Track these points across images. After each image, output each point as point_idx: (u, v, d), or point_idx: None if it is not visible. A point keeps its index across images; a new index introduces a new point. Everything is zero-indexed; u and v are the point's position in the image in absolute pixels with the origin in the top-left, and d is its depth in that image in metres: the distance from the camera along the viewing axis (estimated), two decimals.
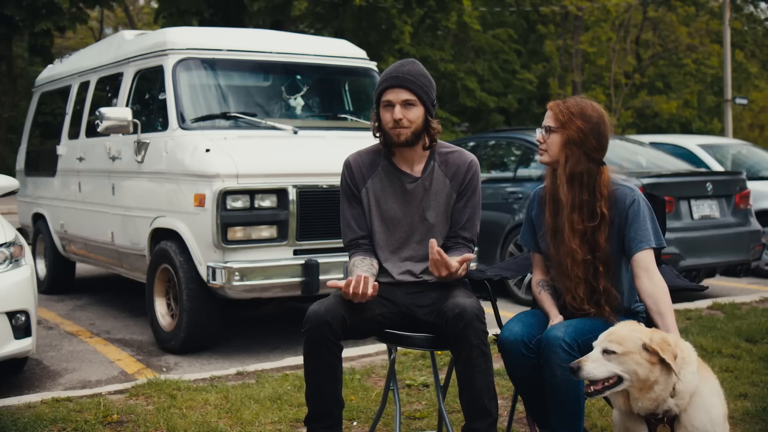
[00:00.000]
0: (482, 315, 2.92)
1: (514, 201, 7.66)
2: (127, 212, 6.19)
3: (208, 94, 6.12)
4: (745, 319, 6.03)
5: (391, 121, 3.07)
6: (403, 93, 3.06)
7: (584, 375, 2.58)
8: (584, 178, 2.96)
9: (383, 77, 3.12)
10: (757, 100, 31.80)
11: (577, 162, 2.96)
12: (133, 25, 29.35)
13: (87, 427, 3.70)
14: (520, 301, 7.28)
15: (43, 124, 8.66)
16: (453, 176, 3.17)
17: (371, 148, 3.26)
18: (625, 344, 2.57)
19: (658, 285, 2.89)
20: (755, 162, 10.40)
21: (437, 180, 3.17)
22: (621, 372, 2.57)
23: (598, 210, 2.95)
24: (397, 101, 3.06)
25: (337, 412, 3.05)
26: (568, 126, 2.96)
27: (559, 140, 2.98)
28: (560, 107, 3.00)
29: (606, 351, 2.59)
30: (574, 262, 2.95)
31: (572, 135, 2.96)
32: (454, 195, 3.18)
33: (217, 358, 5.47)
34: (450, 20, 23.76)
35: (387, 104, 3.09)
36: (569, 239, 2.96)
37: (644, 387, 2.56)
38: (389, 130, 3.09)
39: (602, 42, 27.69)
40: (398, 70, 3.09)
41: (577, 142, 2.96)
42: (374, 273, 3.16)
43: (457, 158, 3.20)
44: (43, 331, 6.26)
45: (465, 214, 3.19)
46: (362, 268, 3.14)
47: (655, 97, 27.75)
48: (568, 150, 2.97)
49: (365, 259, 3.18)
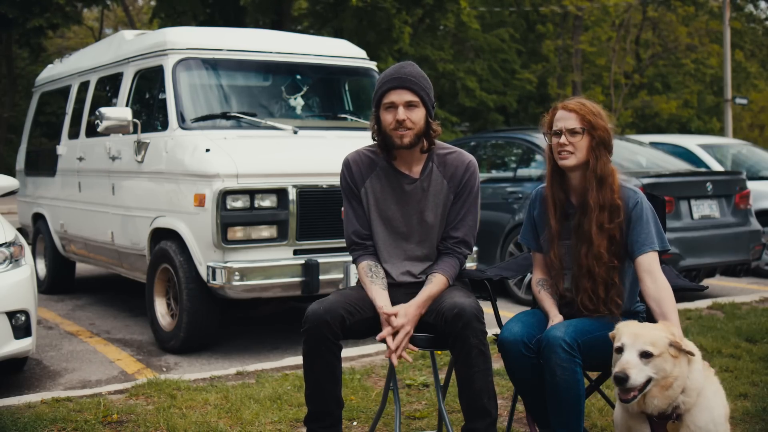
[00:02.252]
0: (481, 315, 2.92)
1: (514, 201, 7.66)
2: (127, 212, 6.19)
3: (208, 94, 6.12)
4: (745, 319, 6.03)
5: (394, 122, 3.03)
6: (406, 94, 3.04)
7: (632, 383, 2.53)
8: (609, 179, 2.98)
9: (384, 79, 3.09)
10: (757, 100, 31.79)
11: (605, 163, 2.99)
12: (133, 25, 29.32)
13: (87, 427, 3.70)
14: (520, 301, 7.28)
15: (43, 124, 8.66)
16: (451, 177, 3.17)
17: (370, 147, 3.25)
18: (658, 345, 2.57)
19: (662, 287, 2.89)
20: (755, 162, 10.40)
21: (435, 181, 3.16)
22: (653, 373, 2.56)
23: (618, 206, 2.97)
24: (400, 102, 3.04)
25: (337, 411, 3.05)
26: (596, 127, 2.97)
27: (587, 142, 2.97)
28: (585, 108, 2.99)
29: (644, 354, 2.56)
30: (600, 263, 2.95)
31: (602, 136, 2.97)
32: (451, 196, 3.17)
33: (217, 358, 5.47)
34: (449, 20, 23.75)
35: (389, 106, 3.05)
36: (598, 241, 2.95)
37: (665, 385, 2.57)
38: (391, 132, 3.06)
39: (602, 42, 27.69)
40: (399, 72, 3.07)
41: (604, 143, 2.98)
42: (386, 284, 3.14)
43: (455, 159, 3.19)
44: (43, 331, 6.26)
45: (459, 214, 3.18)
46: (379, 279, 3.12)
47: (654, 97, 27.74)
48: (597, 151, 2.97)
49: (377, 266, 3.16)
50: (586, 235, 2.98)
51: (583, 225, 2.99)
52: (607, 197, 2.97)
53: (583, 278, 3.00)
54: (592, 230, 2.96)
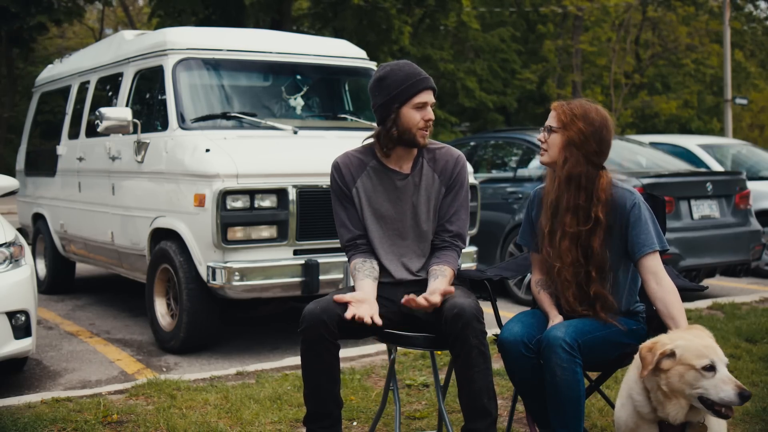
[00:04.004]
0: (481, 315, 2.92)
1: (514, 201, 7.66)
2: (127, 212, 6.19)
3: (208, 94, 6.12)
4: (745, 319, 6.03)
5: (422, 122, 3.08)
6: (431, 95, 3.12)
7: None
8: (582, 181, 2.96)
9: (410, 79, 3.07)
10: (757, 100, 31.78)
11: (575, 164, 2.95)
12: (133, 25, 29.33)
13: (87, 427, 3.70)
14: (520, 301, 7.28)
15: (43, 124, 8.66)
16: (441, 171, 3.20)
17: (358, 149, 3.27)
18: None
19: (667, 288, 2.89)
20: (755, 162, 10.40)
21: (426, 176, 3.19)
22: None
23: (593, 214, 2.94)
24: (431, 102, 3.12)
25: (336, 411, 3.05)
26: (569, 127, 2.96)
27: (559, 141, 2.98)
28: (563, 108, 3.00)
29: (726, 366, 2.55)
30: (563, 264, 2.95)
31: (572, 136, 2.95)
32: (443, 189, 3.20)
33: (217, 358, 5.47)
34: (450, 19, 23.76)
35: (422, 105, 3.09)
36: (560, 241, 2.96)
37: None
38: (417, 131, 3.09)
39: (602, 42, 27.68)
40: (419, 72, 3.11)
41: (577, 144, 2.95)
42: (376, 277, 3.15)
43: (444, 154, 3.23)
44: (43, 331, 6.26)
45: (452, 208, 3.21)
46: (364, 273, 3.14)
47: (654, 97, 27.73)
48: (568, 151, 2.96)
49: (366, 262, 3.18)
50: (553, 234, 3.00)
51: (553, 225, 3.01)
52: (576, 200, 2.95)
53: (552, 279, 3.02)
54: (556, 231, 2.97)
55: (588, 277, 2.96)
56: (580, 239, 2.95)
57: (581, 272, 2.96)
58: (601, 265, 2.96)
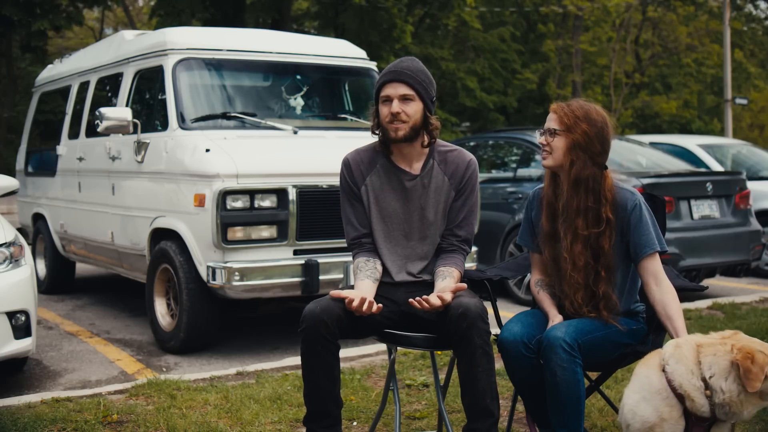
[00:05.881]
0: (485, 315, 2.91)
1: (514, 201, 7.66)
2: (127, 212, 6.19)
3: (208, 94, 6.12)
4: (745, 319, 6.03)
5: (389, 115, 3.06)
6: (401, 87, 3.06)
7: None
8: (589, 183, 2.94)
9: (382, 73, 3.14)
10: (757, 100, 31.77)
11: (582, 167, 2.93)
12: (133, 25, 29.31)
13: (87, 427, 3.70)
14: (520, 301, 7.28)
15: (43, 123, 8.66)
16: (452, 174, 3.17)
17: (369, 146, 3.25)
18: None
19: (667, 290, 2.90)
20: (755, 162, 10.40)
21: (436, 178, 3.17)
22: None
23: (604, 216, 2.93)
24: (395, 95, 3.06)
25: (336, 411, 3.04)
26: (573, 129, 2.93)
27: (564, 144, 2.95)
28: (565, 110, 2.97)
29: None
30: (575, 268, 2.94)
31: (578, 139, 2.93)
32: (452, 193, 3.18)
33: (217, 358, 5.47)
34: (450, 19, 23.76)
35: (385, 99, 3.09)
36: (571, 245, 2.94)
37: None
38: (387, 125, 3.08)
39: (602, 42, 27.69)
40: (397, 66, 3.10)
41: (582, 147, 2.93)
42: (377, 277, 3.15)
43: (456, 157, 3.20)
44: (43, 331, 6.26)
45: (462, 213, 3.19)
46: (365, 273, 3.13)
47: (655, 97, 27.73)
48: (574, 154, 2.94)
49: (369, 261, 3.17)
50: (558, 237, 2.99)
51: (556, 227, 3.00)
52: (586, 203, 2.94)
53: (560, 281, 3.01)
54: (567, 234, 2.95)
55: (597, 277, 2.95)
56: (590, 241, 2.95)
57: (592, 274, 2.95)
58: (609, 264, 2.96)
